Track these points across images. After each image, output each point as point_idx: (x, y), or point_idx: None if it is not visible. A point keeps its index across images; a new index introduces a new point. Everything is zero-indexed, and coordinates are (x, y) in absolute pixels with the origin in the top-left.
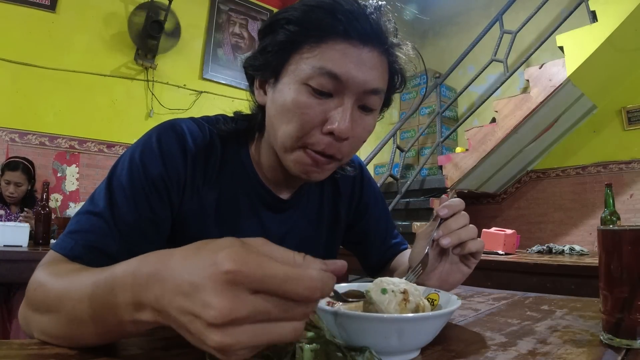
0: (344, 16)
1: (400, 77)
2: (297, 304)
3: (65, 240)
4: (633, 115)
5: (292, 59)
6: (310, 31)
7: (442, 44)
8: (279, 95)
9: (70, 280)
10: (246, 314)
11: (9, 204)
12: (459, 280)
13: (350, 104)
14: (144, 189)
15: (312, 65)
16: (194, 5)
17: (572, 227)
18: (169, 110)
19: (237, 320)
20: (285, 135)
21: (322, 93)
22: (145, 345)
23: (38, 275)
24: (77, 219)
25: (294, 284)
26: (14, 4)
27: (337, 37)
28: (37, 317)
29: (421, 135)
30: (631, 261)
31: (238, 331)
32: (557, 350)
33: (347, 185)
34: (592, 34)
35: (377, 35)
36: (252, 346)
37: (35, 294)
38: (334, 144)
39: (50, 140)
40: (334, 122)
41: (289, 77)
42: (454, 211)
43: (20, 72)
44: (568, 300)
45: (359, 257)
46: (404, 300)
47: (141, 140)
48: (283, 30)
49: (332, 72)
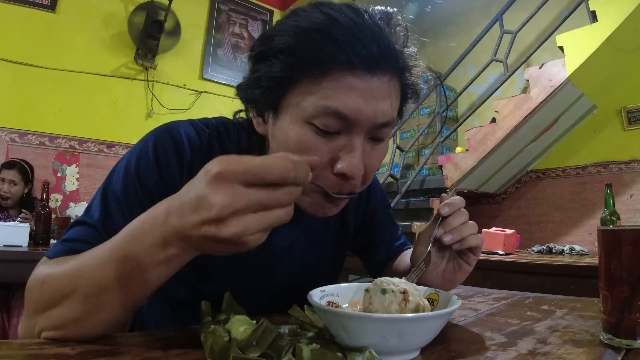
0: (346, 42)
1: (413, 91)
2: (280, 189)
3: (59, 247)
4: (633, 115)
5: (290, 94)
6: (308, 64)
7: (442, 44)
8: (280, 132)
9: (80, 260)
10: (245, 204)
11: (5, 207)
12: (461, 278)
13: (360, 141)
14: (139, 199)
15: (314, 104)
16: (194, 5)
17: (572, 227)
18: (169, 110)
19: (239, 210)
20: None
21: (327, 133)
22: (145, 345)
23: (38, 273)
24: (72, 229)
25: (269, 167)
26: (14, 4)
27: (341, 68)
28: (47, 314)
29: (421, 135)
30: (631, 261)
31: (243, 220)
32: (557, 350)
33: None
34: (592, 34)
35: (386, 57)
36: (260, 229)
37: (42, 289)
38: (347, 184)
39: (50, 140)
40: (345, 162)
41: (290, 114)
42: (455, 209)
43: (20, 72)
44: (568, 300)
45: (363, 258)
46: (404, 300)
47: (138, 146)
48: (277, 61)
49: (339, 112)
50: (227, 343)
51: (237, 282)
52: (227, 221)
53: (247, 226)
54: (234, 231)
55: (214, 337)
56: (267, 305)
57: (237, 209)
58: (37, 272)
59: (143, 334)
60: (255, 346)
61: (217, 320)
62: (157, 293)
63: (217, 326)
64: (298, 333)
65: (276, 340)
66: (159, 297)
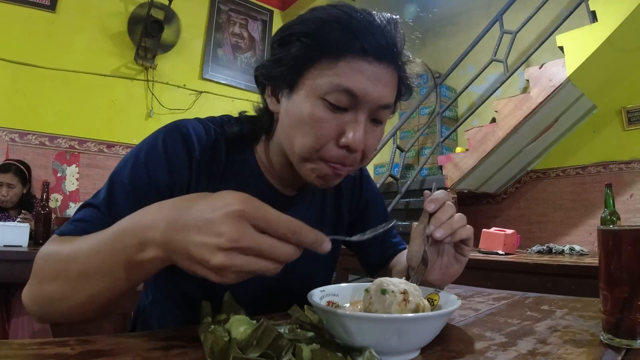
0: (360, 32)
1: (407, 88)
2: (283, 245)
3: (68, 227)
4: (633, 115)
5: (308, 73)
6: (328, 47)
7: (442, 44)
8: (295, 107)
9: (79, 243)
10: (248, 244)
11: (4, 208)
12: (458, 271)
13: (364, 118)
14: (145, 190)
15: (329, 82)
16: (194, 5)
17: (572, 227)
18: (169, 110)
19: (240, 248)
20: (302, 147)
21: (338, 108)
22: (145, 345)
23: (46, 250)
24: (81, 211)
25: (285, 224)
26: (14, 4)
27: (354, 53)
28: (46, 286)
29: (421, 135)
30: (631, 261)
31: (237, 257)
32: (557, 350)
33: (347, 184)
34: (592, 34)
35: (391, 50)
36: (243, 271)
37: (45, 264)
38: (349, 156)
39: (50, 140)
40: (349, 136)
41: (305, 90)
42: (440, 204)
43: (20, 72)
44: (568, 300)
45: (359, 255)
46: (404, 300)
47: (148, 140)
48: (299, 43)
49: (350, 90)
50: (227, 343)
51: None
52: (224, 252)
53: (235, 263)
54: (223, 262)
55: (214, 337)
56: (264, 294)
57: (241, 246)
58: (45, 248)
59: (143, 334)
60: (255, 346)
61: (217, 320)
62: (157, 289)
63: (217, 326)
64: (298, 333)
65: (276, 340)
66: (161, 293)
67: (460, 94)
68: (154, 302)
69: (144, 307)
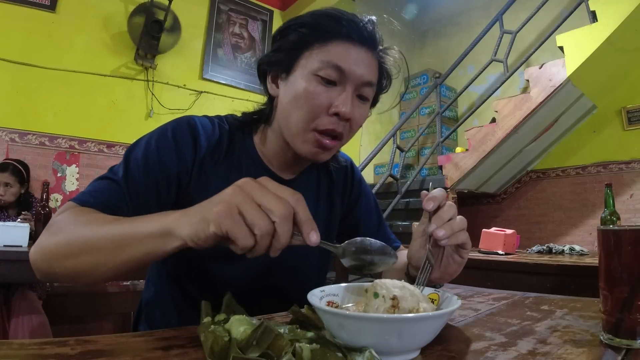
0: (346, 23)
1: (387, 77)
2: (280, 201)
3: (85, 196)
4: (633, 115)
5: (303, 55)
6: (320, 33)
7: (442, 44)
8: (292, 86)
9: (99, 232)
10: (249, 189)
11: (2, 207)
12: (456, 270)
13: (351, 92)
14: (157, 171)
15: (320, 60)
16: (194, 5)
17: (572, 227)
18: (169, 110)
19: (232, 203)
20: (298, 119)
21: (328, 82)
22: (145, 345)
23: (66, 225)
24: (97, 183)
25: (283, 188)
26: (14, 4)
27: (341, 38)
28: (63, 263)
29: (421, 135)
30: (631, 261)
31: (239, 195)
32: (557, 350)
33: (340, 177)
34: (592, 34)
35: (371, 40)
36: (231, 221)
37: (67, 243)
38: (340, 125)
39: (50, 140)
40: (339, 104)
41: (301, 70)
42: (440, 202)
43: (20, 72)
44: (568, 300)
45: None
46: (392, 307)
47: (158, 129)
48: (296, 32)
49: (338, 65)
50: (227, 343)
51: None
52: (222, 204)
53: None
54: (220, 209)
55: (214, 337)
56: (256, 280)
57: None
58: (65, 220)
59: (143, 334)
60: (255, 346)
61: (217, 321)
62: (160, 285)
63: (217, 326)
64: (298, 333)
65: (276, 340)
66: (163, 288)
67: (460, 94)
68: (157, 295)
69: (147, 300)
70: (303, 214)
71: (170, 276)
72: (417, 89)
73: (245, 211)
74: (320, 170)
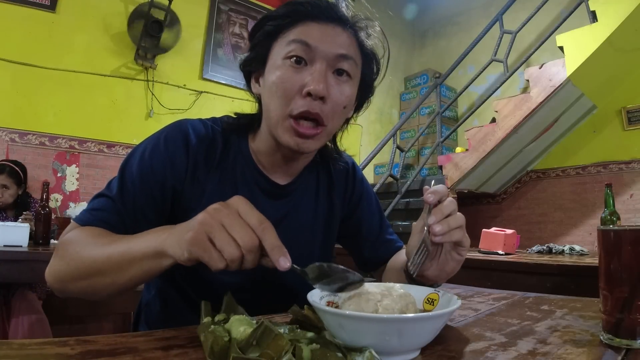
0: (314, 5)
1: (375, 60)
2: (249, 231)
3: (86, 215)
4: (633, 115)
5: (273, 46)
6: (285, 20)
7: (442, 44)
8: (267, 78)
9: (106, 251)
10: (225, 212)
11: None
12: (454, 268)
13: (322, 68)
14: (151, 183)
15: (287, 41)
16: (194, 5)
17: (572, 227)
18: (169, 110)
19: (201, 231)
20: (275, 108)
21: (298, 61)
22: (145, 345)
23: (74, 246)
24: (96, 201)
25: (255, 214)
26: (14, 4)
27: (306, 19)
28: (76, 283)
29: (421, 135)
30: (631, 261)
31: (212, 220)
32: (557, 350)
33: (340, 178)
34: (592, 34)
35: (338, 16)
36: (201, 248)
37: (78, 264)
38: (315, 104)
39: (50, 140)
40: (310, 83)
41: (273, 59)
42: (441, 196)
43: (20, 72)
44: (568, 300)
45: (353, 252)
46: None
47: (152, 138)
48: (266, 26)
49: (303, 40)
50: (227, 343)
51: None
52: (207, 214)
53: (210, 221)
54: (202, 217)
55: (214, 337)
56: (255, 281)
57: (219, 212)
58: (71, 243)
59: (143, 334)
60: (255, 346)
61: (217, 321)
62: (159, 286)
63: (217, 326)
64: (298, 333)
65: (276, 340)
66: (163, 289)
67: (460, 94)
68: (157, 295)
69: (147, 301)
70: (270, 242)
71: (170, 278)
72: (417, 89)
73: (215, 238)
74: (320, 172)
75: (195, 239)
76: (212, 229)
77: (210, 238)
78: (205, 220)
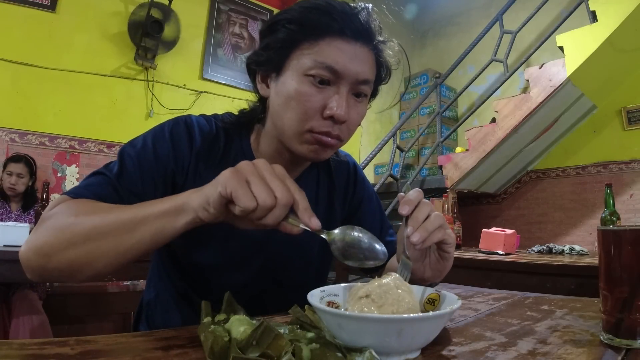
0: (338, 16)
1: (386, 69)
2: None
3: (79, 189)
4: (633, 115)
5: (293, 54)
6: (309, 30)
7: (442, 44)
8: (283, 87)
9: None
10: (249, 173)
11: (9, 198)
12: (445, 266)
13: (345, 92)
14: (152, 166)
15: (312, 60)
16: (194, 5)
17: (572, 227)
18: (169, 110)
19: (242, 172)
20: (292, 121)
21: (321, 82)
22: (145, 345)
23: (62, 218)
24: (91, 178)
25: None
26: (14, 4)
27: (334, 34)
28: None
29: (421, 135)
30: (631, 261)
31: (239, 174)
32: (557, 350)
33: (341, 180)
34: (592, 34)
35: (367, 32)
36: (237, 182)
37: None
38: (335, 127)
39: (50, 140)
40: (333, 107)
41: (292, 70)
42: (414, 205)
43: (20, 72)
44: (568, 300)
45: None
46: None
47: (154, 128)
48: (284, 29)
49: (331, 66)
50: (227, 343)
51: (228, 253)
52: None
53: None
54: (229, 173)
55: (214, 337)
56: (255, 282)
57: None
58: (63, 211)
59: (143, 334)
60: (255, 346)
61: (217, 321)
62: (160, 286)
63: (217, 326)
64: (298, 333)
65: (276, 340)
66: (163, 289)
67: (460, 94)
68: (158, 295)
69: (148, 301)
70: (303, 204)
71: (171, 278)
72: (417, 89)
73: (252, 182)
74: (320, 172)
75: (234, 175)
76: (253, 174)
77: (248, 181)
78: (248, 166)
